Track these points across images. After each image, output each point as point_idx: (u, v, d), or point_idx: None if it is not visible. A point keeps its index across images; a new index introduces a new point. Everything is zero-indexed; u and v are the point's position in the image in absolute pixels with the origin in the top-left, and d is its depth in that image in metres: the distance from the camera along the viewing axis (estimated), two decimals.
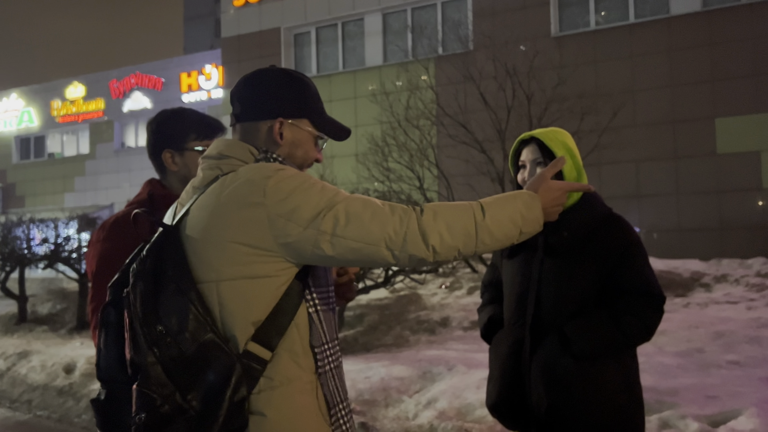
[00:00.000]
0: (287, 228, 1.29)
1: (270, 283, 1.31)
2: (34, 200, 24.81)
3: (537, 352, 2.07)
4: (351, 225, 1.28)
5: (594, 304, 2.06)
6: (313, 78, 16.26)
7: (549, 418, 2.03)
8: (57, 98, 25.19)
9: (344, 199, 1.32)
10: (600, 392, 2.00)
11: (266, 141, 1.46)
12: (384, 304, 8.05)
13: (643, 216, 12.24)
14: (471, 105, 10.55)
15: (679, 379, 4.83)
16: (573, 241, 2.07)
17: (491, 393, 2.20)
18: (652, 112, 12.16)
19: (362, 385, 5.04)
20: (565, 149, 2.11)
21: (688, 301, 7.61)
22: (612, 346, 2.02)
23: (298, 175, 1.34)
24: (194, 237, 1.35)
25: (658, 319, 2.07)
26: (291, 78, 1.49)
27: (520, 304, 2.14)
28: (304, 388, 1.32)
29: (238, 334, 1.30)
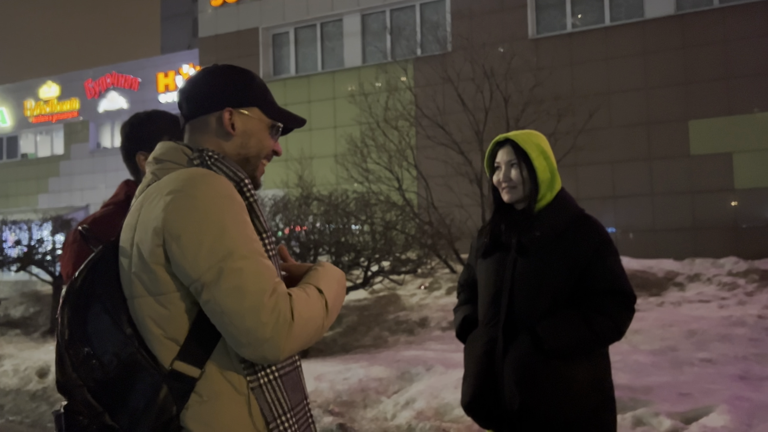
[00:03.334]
0: (174, 256, 1.22)
1: (176, 299, 1.25)
2: (6, 201, 24.34)
3: (509, 351, 2.09)
4: (229, 300, 1.19)
5: (566, 303, 2.09)
6: (291, 78, 16.21)
7: (521, 416, 2.06)
8: (30, 98, 24.76)
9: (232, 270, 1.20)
10: (571, 390, 2.03)
11: (218, 134, 1.40)
12: (363, 305, 8.05)
13: (618, 216, 12.40)
14: (449, 106, 10.60)
15: (653, 377, 4.90)
16: (545, 240, 2.10)
17: (465, 392, 2.22)
18: (627, 114, 12.33)
19: (341, 386, 5.03)
20: (538, 151, 2.14)
21: (663, 300, 7.73)
22: (583, 344, 2.05)
23: (212, 192, 1.24)
24: (123, 249, 1.32)
25: (629, 318, 2.10)
26: (235, 70, 1.46)
27: (493, 304, 2.16)
28: (234, 401, 1.27)
29: (162, 353, 1.25)
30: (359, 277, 6.81)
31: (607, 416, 2.10)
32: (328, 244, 6.39)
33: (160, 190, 1.28)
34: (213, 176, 1.28)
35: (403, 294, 8.56)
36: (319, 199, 6.91)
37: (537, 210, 2.16)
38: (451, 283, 8.73)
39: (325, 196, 6.92)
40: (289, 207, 6.73)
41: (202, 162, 1.34)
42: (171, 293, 1.25)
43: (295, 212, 6.60)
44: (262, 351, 1.20)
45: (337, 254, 6.43)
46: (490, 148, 2.25)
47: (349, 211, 6.72)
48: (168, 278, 1.25)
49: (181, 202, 1.24)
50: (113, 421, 1.23)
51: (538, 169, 2.13)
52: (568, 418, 2.03)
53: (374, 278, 6.84)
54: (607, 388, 2.12)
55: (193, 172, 1.29)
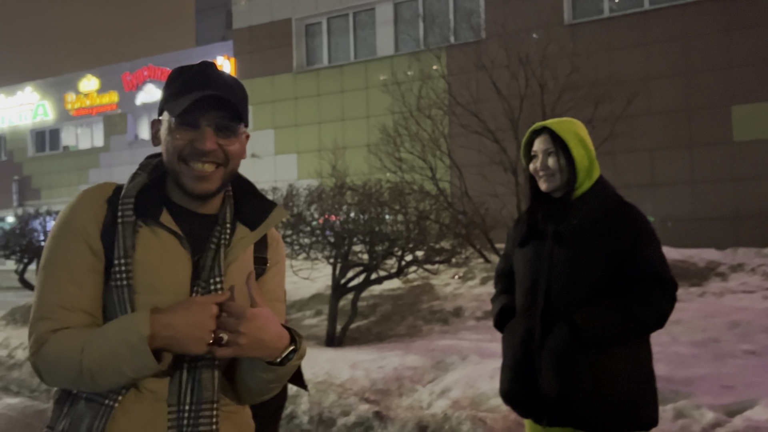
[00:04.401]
0: None
1: None
2: (50, 192, 25.07)
3: (547, 341, 2.08)
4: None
5: (605, 292, 2.06)
6: (324, 69, 16.24)
7: (559, 405, 2.04)
8: (71, 91, 25.39)
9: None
10: (609, 379, 2.01)
11: (157, 141, 1.34)
12: (397, 294, 8.06)
13: (657, 205, 12.14)
14: (483, 94, 10.49)
15: (694, 368, 4.80)
16: (582, 229, 2.08)
17: (504, 382, 2.22)
18: (666, 100, 12.03)
19: (376, 374, 5.06)
20: (577, 139, 2.12)
21: (704, 290, 7.55)
22: (622, 334, 2.02)
23: (51, 234, 1.29)
24: None
25: (671, 307, 2.07)
26: (172, 74, 1.33)
27: (531, 293, 2.15)
28: None
29: None
30: (393, 266, 6.81)
31: (647, 405, 2.07)
32: (362, 233, 6.40)
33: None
34: (78, 199, 1.29)
35: (437, 283, 8.54)
36: (353, 189, 6.93)
37: (575, 198, 2.13)
38: (486, 272, 8.68)
39: (359, 186, 6.93)
40: (323, 197, 6.76)
41: (139, 168, 1.36)
42: None
43: (329, 202, 6.63)
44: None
45: (371, 244, 6.44)
46: (527, 137, 2.23)
47: (383, 200, 6.73)
48: None
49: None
50: None
51: (576, 158, 2.10)
52: (607, 406, 2.01)
53: (408, 268, 6.83)
54: (649, 376, 2.09)
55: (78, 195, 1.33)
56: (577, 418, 2.04)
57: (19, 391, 6.47)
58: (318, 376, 5.13)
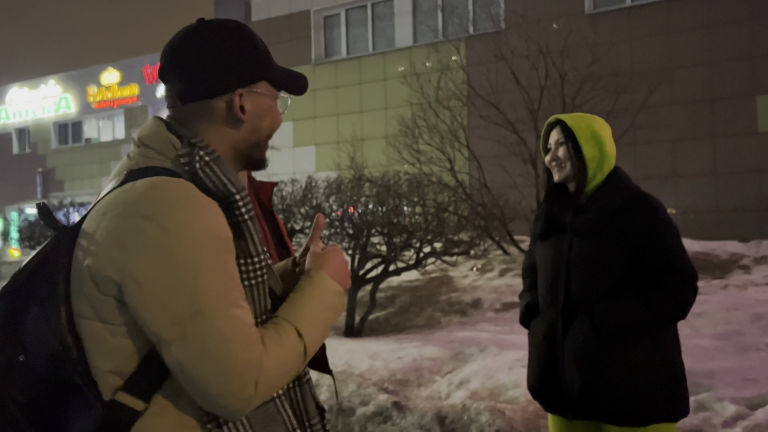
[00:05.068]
0: (135, 302, 1.04)
1: (127, 332, 1.07)
2: (72, 184, 25.45)
3: (568, 335, 2.09)
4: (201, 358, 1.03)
5: (625, 284, 2.05)
6: (343, 60, 16.24)
7: (583, 399, 2.05)
8: (93, 84, 25.69)
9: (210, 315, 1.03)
10: (634, 370, 2.01)
11: (226, 121, 1.17)
12: (415, 285, 8.08)
13: (679, 197, 11.98)
14: (503, 85, 10.42)
15: (716, 361, 4.76)
16: (598, 221, 2.09)
17: (530, 377, 2.25)
18: (689, 90, 11.84)
19: (395, 365, 5.08)
20: (588, 130, 2.13)
21: (726, 282, 7.46)
22: (642, 325, 2.01)
23: (191, 228, 1.04)
24: (80, 250, 1.09)
25: (692, 296, 2.06)
26: (235, 35, 1.19)
27: (551, 288, 2.17)
28: None
29: (103, 383, 1.07)
30: (411, 258, 6.83)
31: (674, 396, 2.06)
32: (380, 225, 6.42)
33: (128, 205, 1.06)
34: (196, 202, 1.06)
35: (456, 275, 8.54)
36: (371, 181, 6.95)
37: (589, 190, 2.15)
38: (504, 264, 8.66)
39: (377, 178, 6.94)
40: (342, 189, 6.79)
41: (189, 163, 1.10)
42: (123, 326, 1.07)
43: (347, 194, 6.66)
44: (221, 412, 1.07)
45: (390, 235, 6.46)
46: (544, 130, 2.26)
47: (401, 192, 6.74)
48: (122, 312, 1.06)
49: (153, 239, 1.03)
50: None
51: (584, 148, 2.11)
52: (632, 398, 2.01)
53: (426, 259, 6.84)
54: (675, 366, 2.07)
55: (174, 192, 1.06)
56: (602, 411, 2.04)
57: None
58: (337, 366, 5.17)
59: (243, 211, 1.12)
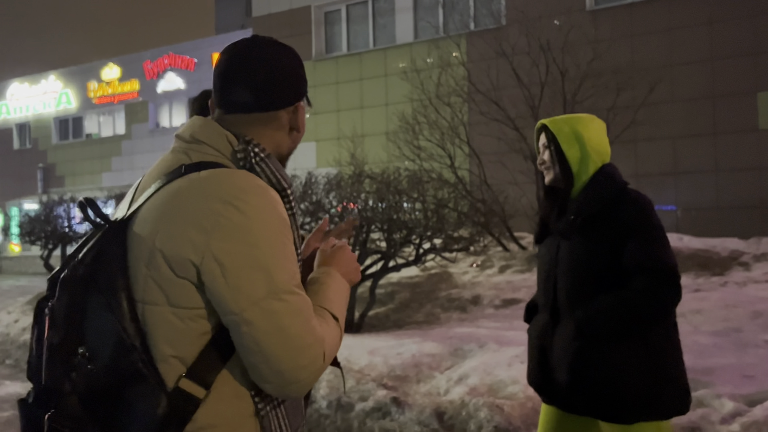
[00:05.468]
0: (215, 281, 1.09)
1: (197, 316, 1.11)
2: (73, 180, 25.46)
3: (556, 335, 2.17)
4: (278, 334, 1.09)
5: (612, 284, 2.07)
6: (343, 56, 16.23)
7: (572, 396, 2.12)
8: (93, 80, 25.68)
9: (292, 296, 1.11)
10: (620, 371, 2.03)
11: (283, 130, 1.28)
12: (415, 282, 8.08)
13: (680, 194, 11.98)
14: (503, 81, 10.41)
15: (715, 358, 4.76)
16: (581, 223, 2.13)
17: (528, 372, 2.36)
18: (690, 87, 11.83)
19: (394, 360, 5.09)
20: (571, 133, 2.17)
21: (726, 280, 7.46)
22: (624, 327, 2.03)
23: (264, 213, 1.12)
24: (138, 241, 1.13)
25: (674, 295, 2.03)
26: (291, 52, 1.31)
27: (545, 288, 2.26)
28: (235, 429, 1.14)
29: (166, 370, 1.10)
30: (411, 254, 6.83)
31: (664, 393, 2.06)
32: (380, 221, 6.42)
33: (204, 191, 1.12)
34: (266, 189, 1.16)
35: (455, 272, 8.54)
36: (371, 177, 6.95)
37: (576, 190, 2.19)
38: (504, 261, 8.66)
39: (377, 174, 6.94)
40: (342, 185, 6.79)
41: (245, 158, 1.19)
42: (194, 309, 1.11)
43: (347, 190, 6.66)
44: (287, 391, 1.12)
45: (389, 231, 6.46)
46: (535, 134, 2.34)
47: (401, 188, 6.74)
48: (196, 294, 1.11)
49: (232, 221, 1.09)
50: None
51: (565, 151, 2.16)
52: (620, 396, 2.04)
53: (426, 256, 6.84)
54: (665, 365, 2.07)
55: (246, 180, 1.15)
56: (591, 408, 2.09)
57: None
58: None
59: (293, 204, 1.22)
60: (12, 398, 5.69)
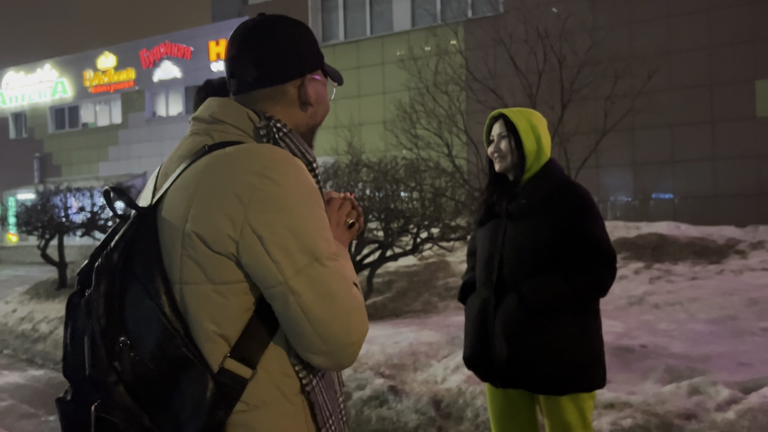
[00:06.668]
0: (257, 254, 1.08)
1: (239, 291, 1.10)
2: (70, 169, 25.37)
3: (499, 310, 2.31)
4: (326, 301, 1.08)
5: (552, 265, 2.27)
6: (340, 44, 16.13)
7: (510, 368, 2.28)
8: (89, 68, 25.51)
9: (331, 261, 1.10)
10: (554, 344, 2.22)
11: (294, 104, 1.26)
12: (413, 271, 8.09)
13: (677, 182, 11.99)
14: (501, 69, 10.36)
15: (711, 346, 4.79)
16: (530, 207, 2.30)
17: (465, 348, 2.49)
18: (688, 75, 11.79)
19: (391, 349, 5.10)
20: (528, 125, 2.35)
21: (722, 268, 7.48)
22: (564, 300, 2.22)
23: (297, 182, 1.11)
24: (169, 224, 1.12)
25: (609, 276, 2.27)
26: (300, 25, 1.30)
27: (487, 267, 2.39)
28: (286, 410, 1.13)
29: (211, 350, 1.09)
30: (408, 243, 6.82)
31: (591, 369, 2.28)
32: (377, 210, 6.41)
33: (235, 165, 1.11)
34: (295, 160, 1.14)
35: (453, 261, 8.55)
36: (368, 166, 6.92)
37: (525, 180, 2.36)
38: None
39: (374, 163, 6.92)
40: (339, 174, 6.77)
41: (268, 134, 1.19)
42: (235, 284, 1.10)
43: (344, 179, 6.64)
44: (339, 358, 1.11)
45: (387, 221, 6.45)
46: (487, 123, 2.46)
47: (398, 177, 6.72)
48: (235, 268, 1.09)
49: (267, 192, 1.08)
50: (153, 424, 1.07)
51: (524, 141, 2.31)
52: (551, 370, 2.23)
53: (423, 245, 6.84)
54: (593, 344, 2.30)
55: (276, 152, 1.13)
56: (526, 380, 2.26)
57: (44, 363, 6.63)
58: None
59: (319, 179, 1.22)
60: (11, 387, 5.70)
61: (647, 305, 6.04)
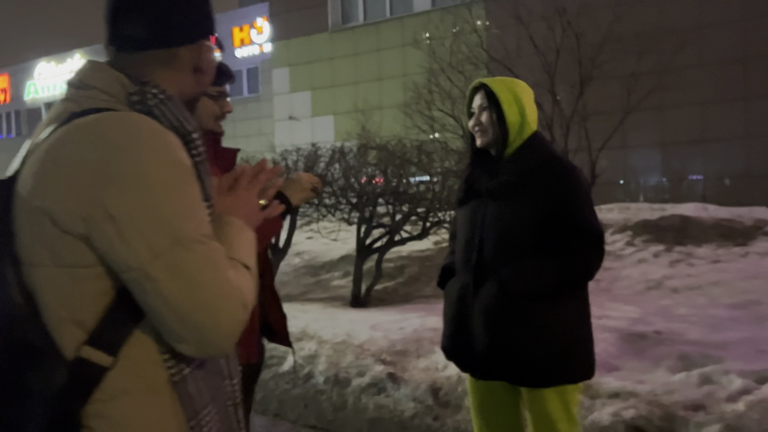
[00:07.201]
0: (109, 236, 0.97)
1: (93, 275, 1.00)
2: None
3: (478, 295, 2.12)
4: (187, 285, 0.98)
5: (537, 246, 2.08)
6: (360, 27, 15.94)
7: (488, 358, 2.10)
8: None
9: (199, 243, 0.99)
10: (536, 333, 2.05)
11: (184, 70, 1.15)
12: (425, 255, 7.95)
13: (708, 162, 11.56)
14: (521, 48, 10.08)
15: (730, 332, 4.57)
16: (511, 184, 2.11)
17: (443, 336, 2.31)
18: (720, 50, 11.31)
19: (395, 335, 4.99)
20: (510, 95, 2.15)
21: (747, 250, 7.13)
22: (548, 287, 2.05)
23: (161, 156, 1.00)
24: (21, 198, 1.02)
25: (597, 257, 2.10)
26: None
27: (466, 250, 2.20)
28: (149, 400, 1.04)
29: (64, 336, 1.00)
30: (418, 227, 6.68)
31: (578, 360, 2.11)
32: (386, 194, 6.28)
33: (90, 136, 1.00)
34: (162, 132, 1.03)
35: None
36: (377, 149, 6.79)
37: (507, 155, 2.17)
38: None
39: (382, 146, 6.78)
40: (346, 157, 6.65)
41: (142, 101, 1.07)
42: (88, 267, 1.00)
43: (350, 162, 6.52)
44: (209, 348, 1.01)
45: (396, 204, 6.32)
46: (469, 93, 2.27)
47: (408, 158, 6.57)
48: (86, 250, 0.99)
49: (123, 167, 0.97)
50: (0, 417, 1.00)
51: (506, 113, 2.13)
52: (534, 360, 2.05)
53: (433, 229, 6.68)
54: (579, 330, 2.13)
55: (138, 123, 1.02)
56: (507, 371, 2.11)
57: None
58: (338, 337, 5.11)
59: (200, 150, 1.10)
60: None
61: (666, 289, 5.80)
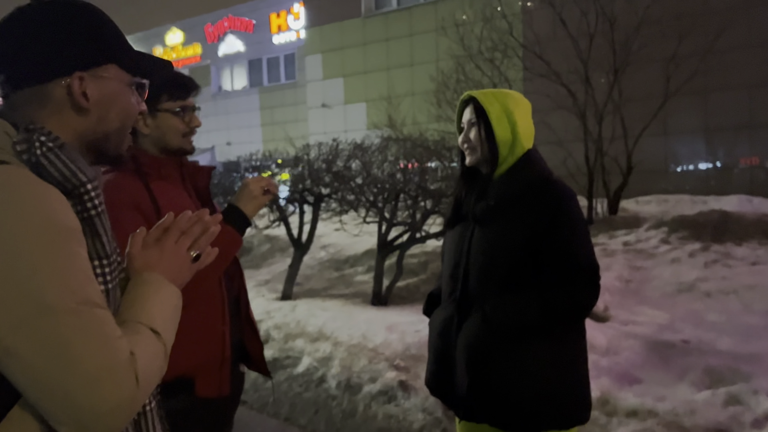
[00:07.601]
0: None
1: None
2: None
3: (462, 329, 1.97)
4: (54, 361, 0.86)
5: (526, 278, 1.88)
6: (393, 12, 15.67)
7: (471, 400, 1.92)
8: (158, 45, 26.18)
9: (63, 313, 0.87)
10: (525, 373, 1.87)
11: (67, 108, 1.05)
12: None
13: (755, 149, 10.97)
14: (552, 34, 9.70)
15: (763, 342, 4.29)
16: (499, 209, 1.95)
17: (426, 371, 2.14)
18: None
19: (411, 338, 4.87)
20: (501, 109, 1.96)
21: None
22: (535, 322, 1.86)
23: (28, 216, 0.90)
24: None
25: (589, 294, 1.88)
26: (73, 13, 1.06)
27: (451, 279, 2.04)
28: None
29: None
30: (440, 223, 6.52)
31: (569, 403, 1.90)
32: (407, 189, 6.14)
33: None
34: (37, 190, 0.93)
35: None
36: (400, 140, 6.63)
37: (497, 175, 1.98)
38: None
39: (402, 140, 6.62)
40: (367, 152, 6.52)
41: (29, 150, 0.97)
42: None
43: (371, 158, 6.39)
44: (92, 430, 0.89)
45: (417, 199, 6.17)
46: (458, 107, 2.09)
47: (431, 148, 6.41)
48: None
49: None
50: None
51: (496, 130, 1.96)
52: (521, 402, 1.87)
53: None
54: (573, 369, 1.92)
55: (6, 180, 0.92)
56: (490, 414, 1.92)
57: None
58: (353, 338, 5.02)
59: (96, 203, 1.00)
60: None
61: (698, 293, 5.50)
